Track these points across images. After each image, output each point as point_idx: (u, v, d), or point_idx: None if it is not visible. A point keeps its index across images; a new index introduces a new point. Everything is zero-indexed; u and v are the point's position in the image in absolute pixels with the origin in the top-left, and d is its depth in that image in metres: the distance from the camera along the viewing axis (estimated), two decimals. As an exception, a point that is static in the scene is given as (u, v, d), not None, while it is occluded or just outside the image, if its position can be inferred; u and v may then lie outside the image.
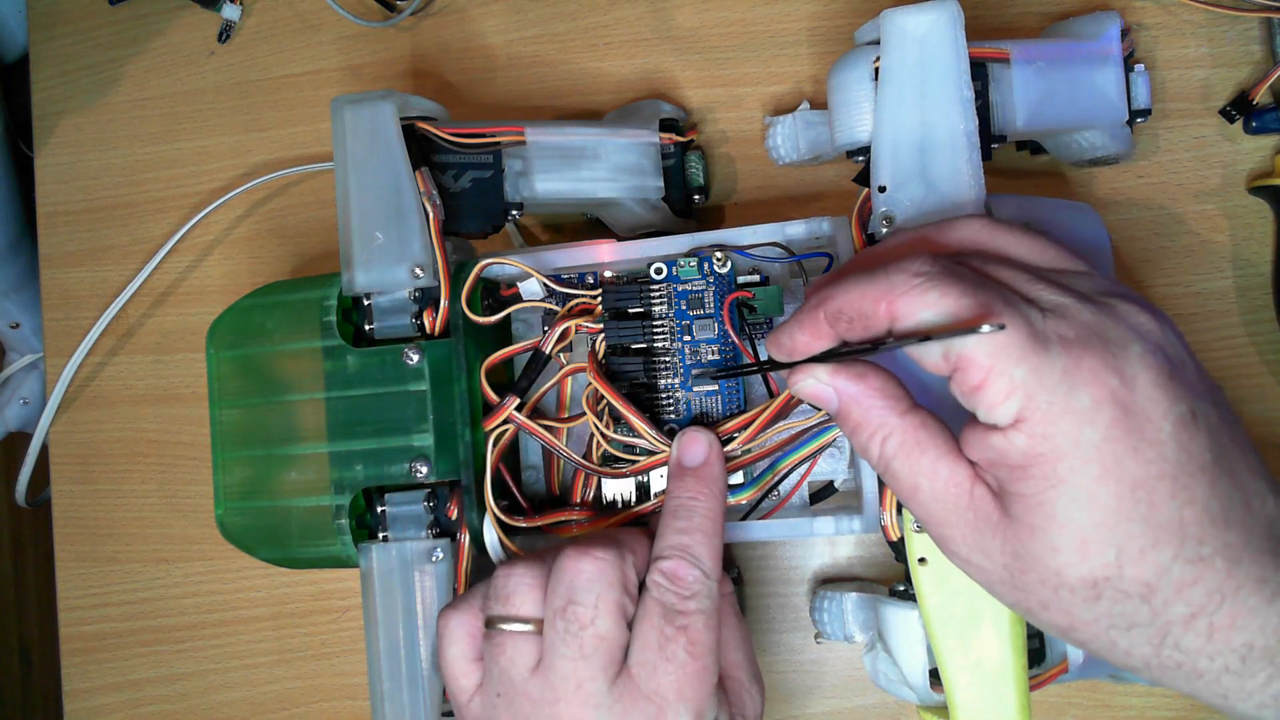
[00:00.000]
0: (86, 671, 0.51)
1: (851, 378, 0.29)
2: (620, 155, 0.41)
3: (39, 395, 0.60)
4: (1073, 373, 0.25)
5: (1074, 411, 0.25)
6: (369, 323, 0.38)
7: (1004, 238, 0.30)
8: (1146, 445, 0.25)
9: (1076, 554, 0.25)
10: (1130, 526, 0.25)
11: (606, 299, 0.38)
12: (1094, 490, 0.25)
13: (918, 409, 0.29)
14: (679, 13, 0.47)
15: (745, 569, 0.45)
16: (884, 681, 0.38)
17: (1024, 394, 0.25)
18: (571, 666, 0.30)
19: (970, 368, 0.26)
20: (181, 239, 0.51)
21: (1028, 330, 0.26)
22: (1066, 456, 0.25)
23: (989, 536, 0.27)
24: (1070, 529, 0.25)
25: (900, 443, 0.28)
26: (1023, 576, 0.27)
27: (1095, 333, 0.26)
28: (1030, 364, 0.25)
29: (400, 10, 0.49)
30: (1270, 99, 0.42)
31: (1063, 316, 0.26)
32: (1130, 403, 0.25)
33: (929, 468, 0.28)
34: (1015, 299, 0.27)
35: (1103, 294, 0.28)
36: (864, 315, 0.28)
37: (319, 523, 0.38)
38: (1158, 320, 0.27)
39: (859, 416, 0.29)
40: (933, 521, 0.28)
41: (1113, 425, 0.25)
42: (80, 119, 0.53)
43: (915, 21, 0.34)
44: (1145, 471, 0.25)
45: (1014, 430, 0.26)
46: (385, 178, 0.37)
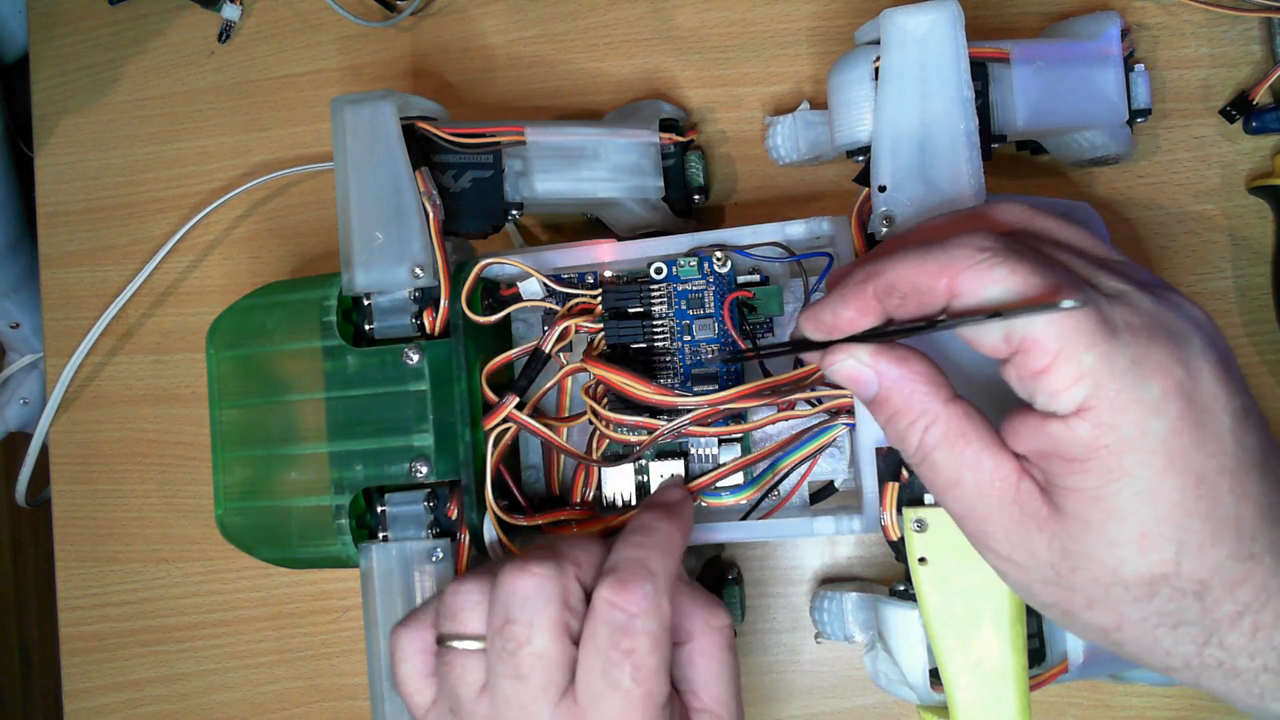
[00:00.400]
0: (86, 671, 0.51)
1: (895, 360, 0.28)
2: (620, 155, 0.41)
3: (39, 395, 0.60)
4: (1142, 362, 0.24)
5: (1143, 401, 0.24)
6: (369, 323, 0.38)
7: (1049, 222, 0.29)
8: (1210, 439, 0.24)
9: (1136, 549, 0.25)
10: (1192, 522, 0.24)
11: (606, 299, 0.38)
12: (1159, 484, 0.24)
13: (960, 398, 0.28)
14: (679, 13, 0.47)
15: (745, 569, 0.45)
16: (884, 681, 0.38)
17: (1092, 381, 0.24)
18: (512, 688, 0.29)
19: (1035, 350, 0.25)
20: (181, 239, 0.51)
21: (1097, 314, 0.25)
22: (1132, 449, 0.24)
23: (1034, 533, 0.26)
24: (1132, 523, 0.24)
25: (944, 432, 0.27)
26: (1071, 575, 0.26)
27: (1160, 322, 0.25)
28: (1100, 350, 0.24)
29: (400, 10, 0.49)
30: (1270, 99, 0.42)
31: (1127, 304, 0.25)
32: (1195, 395, 0.24)
33: (973, 459, 0.27)
34: (1081, 282, 0.26)
35: (1154, 285, 0.27)
36: (920, 291, 0.26)
37: (319, 523, 0.38)
38: (1205, 313, 0.27)
39: (900, 402, 0.28)
40: (973, 517, 0.27)
41: (1180, 417, 0.24)
42: (80, 119, 0.53)
43: (915, 21, 0.34)
44: (1208, 466, 0.24)
45: (1076, 419, 0.25)
46: (385, 178, 0.37)
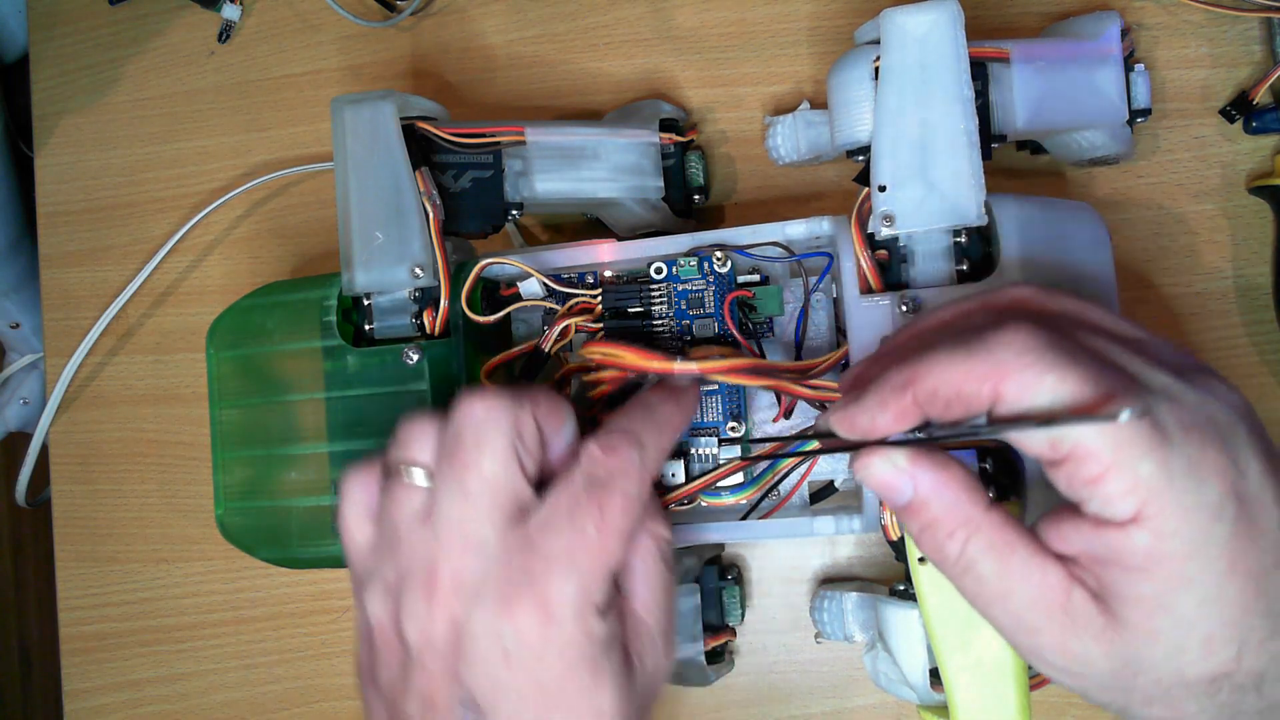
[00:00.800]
0: (86, 671, 0.51)
1: (933, 466, 0.26)
2: (620, 155, 0.41)
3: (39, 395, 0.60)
4: (1198, 465, 0.24)
5: (1203, 507, 0.24)
6: (369, 323, 0.38)
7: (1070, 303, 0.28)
8: (1261, 534, 0.24)
9: (1201, 653, 0.24)
10: (1253, 620, 0.24)
11: (606, 298, 0.38)
12: (1223, 587, 0.24)
13: (996, 504, 0.27)
14: (679, 13, 0.47)
15: (745, 569, 0.45)
16: (884, 681, 0.38)
17: (1149, 489, 0.23)
18: (457, 508, 0.28)
19: (1088, 459, 0.24)
20: (181, 239, 0.51)
21: (1150, 419, 0.24)
22: (1196, 555, 0.24)
23: (1090, 643, 0.25)
24: (1198, 629, 0.24)
25: (989, 543, 0.26)
26: (1132, 680, 0.25)
27: (1209, 418, 0.25)
28: (1157, 457, 0.23)
29: (400, 10, 0.49)
30: (1270, 99, 0.42)
31: (1174, 400, 0.24)
32: (1247, 493, 0.24)
33: (1021, 569, 0.26)
34: (1131, 382, 0.25)
35: (1187, 367, 0.26)
36: (965, 398, 0.25)
37: (319, 523, 0.38)
38: (1238, 392, 0.26)
39: (938, 511, 0.26)
40: (1023, 629, 0.26)
41: (1237, 519, 0.24)
42: (80, 119, 0.53)
43: (915, 21, 0.34)
44: (1265, 562, 0.24)
45: (1135, 527, 0.24)
46: (385, 178, 0.37)
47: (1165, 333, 0.42)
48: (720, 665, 0.41)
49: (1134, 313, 0.42)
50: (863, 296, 0.35)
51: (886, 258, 0.36)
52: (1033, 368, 0.24)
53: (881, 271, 0.36)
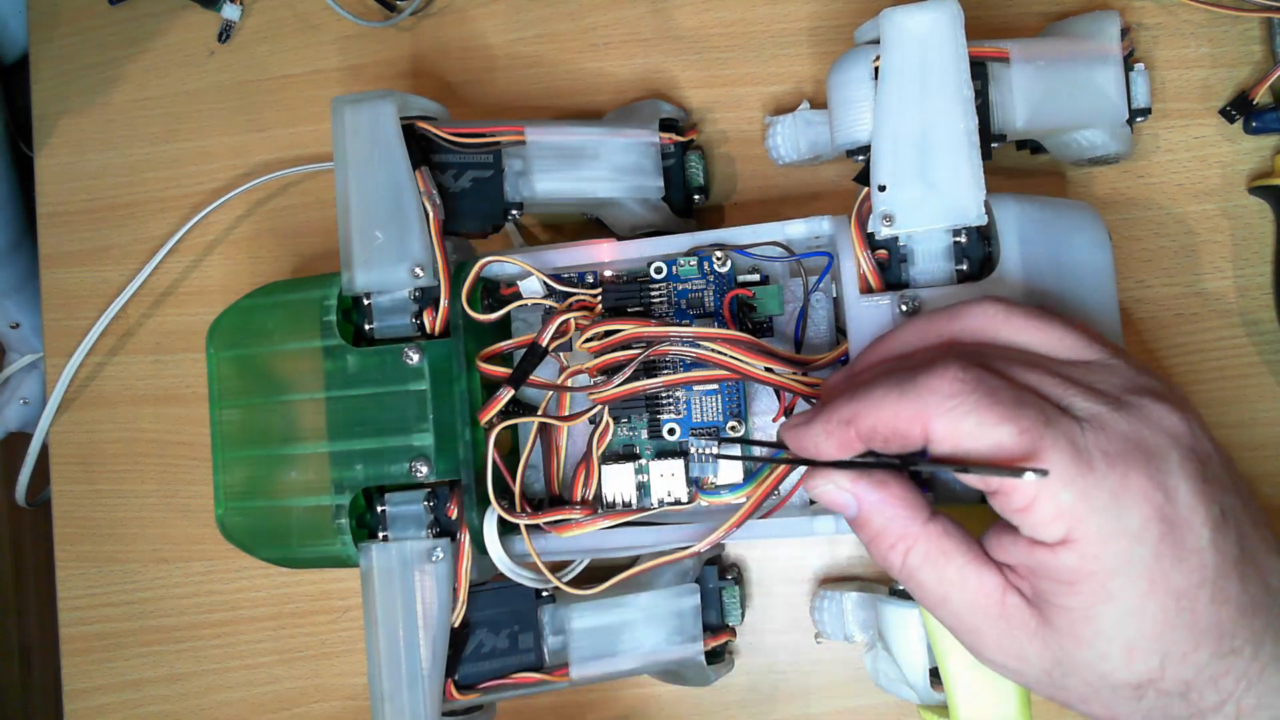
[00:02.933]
0: (86, 671, 0.51)
1: (873, 485, 0.29)
2: (620, 155, 0.41)
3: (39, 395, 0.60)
4: (1120, 494, 0.25)
5: (1126, 533, 0.25)
6: (369, 322, 0.38)
7: (1021, 326, 0.30)
8: (1188, 554, 0.25)
9: (1123, 661, 0.26)
10: (1175, 634, 0.26)
11: (606, 298, 0.38)
12: (1143, 605, 0.26)
13: (938, 515, 0.29)
14: (679, 13, 0.47)
15: (745, 569, 0.45)
16: (884, 681, 0.38)
17: (1073, 517, 0.25)
18: None
19: (1014, 493, 0.26)
20: (181, 239, 0.51)
21: (1071, 451, 0.25)
22: (1117, 575, 0.25)
23: (1025, 643, 0.27)
24: (1119, 640, 0.26)
25: (926, 553, 0.28)
26: (1064, 679, 0.27)
27: (1136, 445, 0.26)
28: (1078, 487, 0.25)
29: (400, 10, 0.49)
30: (1270, 99, 0.42)
31: (1101, 428, 0.26)
32: (1173, 516, 0.26)
33: (957, 577, 0.28)
34: (1053, 413, 0.26)
35: (1130, 390, 0.27)
36: (899, 435, 0.28)
37: (319, 522, 0.38)
38: (1184, 416, 0.27)
39: (880, 525, 0.29)
40: (963, 629, 0.28)
41: (1160, 541, 0.25)
42: (80, 119, 0.53)
43: (915, 21, 0.34)
44: (1188, 581, 0.25)
45: (1062, 549, 0.26)
46: (385, 177, 0.37)
47: (1164, 333, 0.42)
48: (720, 665, 0.41)
49: (1134, 312, 0.42)
50: (862, 296, 0.35)
51: (886, 257, 0.36)
52: (954, 412, 0.26)
53: (881, 271, 0.36)
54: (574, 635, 0.38)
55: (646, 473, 0.39)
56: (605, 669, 0.39)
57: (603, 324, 0.37)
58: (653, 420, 0.39)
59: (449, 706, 0.38)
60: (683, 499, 0.38)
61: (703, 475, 0.39)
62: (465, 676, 0.38)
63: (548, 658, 0.39)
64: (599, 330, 0.37)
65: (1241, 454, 0.42)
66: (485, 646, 0.38)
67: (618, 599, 0.39)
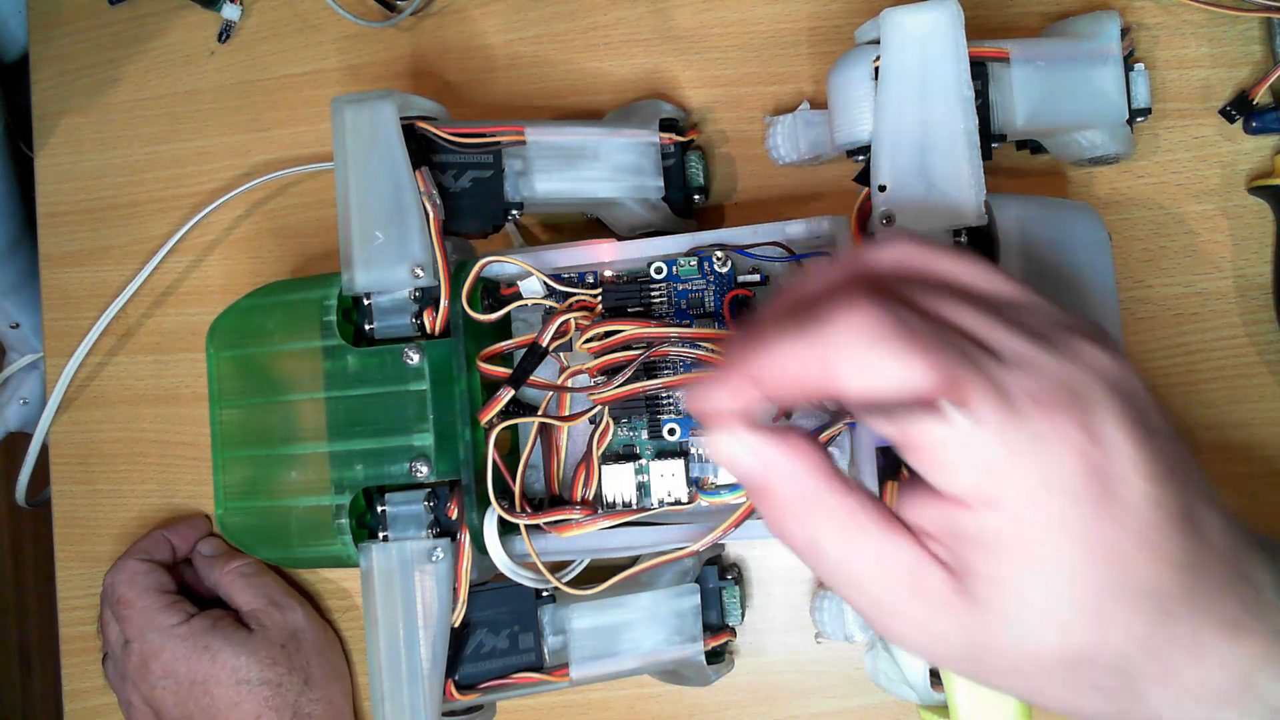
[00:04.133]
0: (86, 671, 0.51)
1: (782, 449, 0.25)
2: (620, 155, 0.41)
3: (39, 395, 0.60)
4: (1046, 440, 0.23)
5: (1051, 486, 0.23)
6: (369, 322, 0.38)
7: (944, 262, 0.27)
8: (1124, 511, 0.23)
9: (1054, 635, 0.23)
10: (1112, 601, 0.23)
11: (607, 298, 0.38)
12: (1076, 569, 0.23)
13: (851, 484, 0.25)
14: (679, 13, 0.47)
15: (745, 569, 0.45)
16: (884, 681, 0.38)
17: (994, 468, 0.23)
18: None
19: (932, 444, 0.23)
20: (181, 239, 0.51)
21: (995, 394, 0.23)
22: (1045, 536, 0.23)
23: (944, 620, 0.24)
24: (1050, 612, 0.23)
25: (838, 527, 0.25)
26: (988, 658, 0.24)
27: (1064, 388, 0.23)
28: (1001, 436, 0.22)
29: (400, 10, 0.49)
30: (1270, 99, 0.42)
31: (1028, 370, 0.23)
32: (1106, 467, 0.23)
33: (873, 553, 0.24)
34: (977, 353, 0.23)
35: (1060, 328, 0.25)
36: (800, 381, 0.24)
37: (319, 522, 0.38)
38: (1115, 357, 0.24)
39: (787, 494, 0.25)
40: (877, 608, 0.25)
41: (1089, 494, 0.23)
42: (80, 119, 0.53)
43: (915, 21, 0.34)
44: (1123, 538, 0.23)
45: (984, 509, 0.23)
46: (385, 177, 0.37)
47: (1164, 333, 0.42)
48: (720, 665, 0.41)
49: (1134, 312, 0.43)
50: (863, 296, 0.35)
51: (886, 257, 0.36)
52: (862, 349, 0.23)
53: (881, 271, 0.36)
54: (574, 635, 0.38)
55: (646, 473, 0.39)
56: (605, 669, 0.39)
57: (603, 324, 0.37)
58: (653, 420, 0.39)
59: (449, 706, 0.38)
60: (683, 499, 0.38)
61: (703, 475, 0.39)
62: (465, 676, 0.38)
63: (548, 658, 0.39)
64: (599, 331, 0.37)
65: (1241, 454, 0.42)
66: (485, 646, 0.38)
67: (618, 599, 0.39)
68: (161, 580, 0.45)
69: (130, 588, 0.44)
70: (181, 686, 0.43)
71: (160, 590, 0.45)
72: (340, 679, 0.46)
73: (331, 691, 0.45)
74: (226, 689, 0.42)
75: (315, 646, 0.45)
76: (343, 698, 0.46)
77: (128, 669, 0.44)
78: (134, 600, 0.44)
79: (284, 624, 0.45)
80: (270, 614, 0.45)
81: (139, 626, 0.44)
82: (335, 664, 0.47)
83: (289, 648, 0.44)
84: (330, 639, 0.47)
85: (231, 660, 0.43)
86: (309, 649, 0.45)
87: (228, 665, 0.43)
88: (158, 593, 0.45)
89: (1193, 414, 0.42)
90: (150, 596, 0.44)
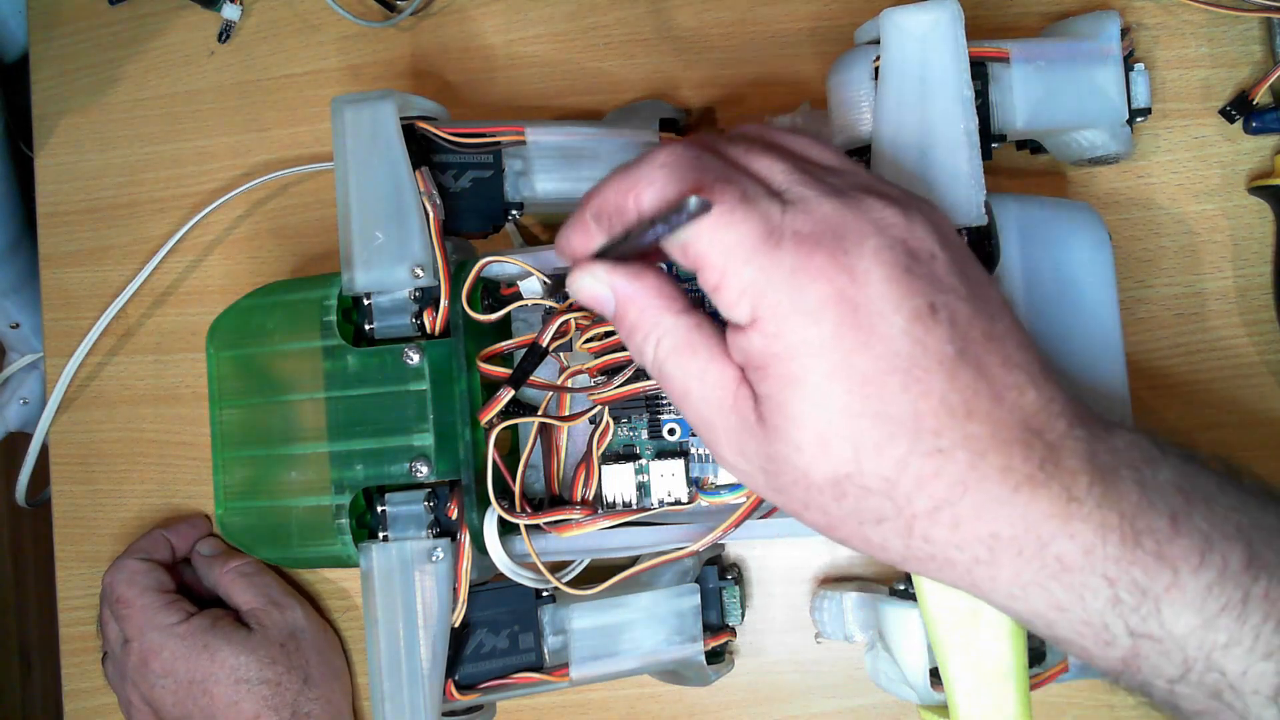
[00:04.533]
0: (86, 671, 0.51)
1: (627, 276, 0.28)
2: (620, 155, 0.41)
3: (39, 395, 0.60)
4: (800, 271, 0.25)
5: (801, 311, 0.25)
6: (369, 322, 0.38)
7: (778, 134, 0.30)
8: (876, 341, 0.25)
9: (817, 452, 0.26)
10: (862, 422, 0.25)
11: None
12: (826, 388, 0.25)
13: (693, 310, 0.28)
14: (679, 13, 0.47)
15: (745, 569, 0.45)
16: (884, 681, 0.38)
17: (755, 293, 0.25)
18: None
19: (707, 267, 0.26)
20: (181, 239, 0.51)
21: (761, 227, 0.25)
22: (798, 355, 0.25)
23: (747, 439, 0.27)
24: (809, 428, 0.25)
25: (673, 345, 0.28)
26: (778, 478, 0.27)
27: (831, 228, 0.26)
28: (759, 263, 0.25)
29: (400, 10, 0.49)
30: (1270, 99, 0.42)
31: (803, 210, 0.26)
32: (859, 299, 0.25)
33: (699, 370, 0.28)
34: (758, 191, 0.26)
35: (857, 188, 0.27)
36: (619, 210, 0.28)
37: (319, 522, 0.38)
38: (905, 214, 0.26)
39: (634, 317, 0.28)
40: (702, 425, 0.28)
41: (840, 323, 0.25)
42: (80, 119, 0.53)
43: (915, 21, 0.34)
44: (875, 367, 0.25)
45: (751, 330, 0.26)
46: (385, 177, 0.37)
47: (1164, 333, 0.42)
48: (720, 665, 0.41)
49: (1134, 312, 0.43)
50: (863, 296, 0.35)
51: (886, 257, 0.36)
52: (657, 180, 0.27)
53: (881, 271, 0.36)
54: (574, 635, 0.39)
55: (646, 473, 0.39)
56: (605, 669, 0.39)
57: (603, 324, 0.37)
58: (653, 420, 0.39)
59: (449, 706, 0.38)
60: (683, 499, 0.38)
61: (703, 475, 0.39)
62: (465, 676, 0.38)
63: (548, 658, 0.39)
64: (599, 330, 0.37)
65: (1241, 454, 0.42)
66: (485, 646, 0.38)
67: (618, 599, 0.39)
68: (161, 579, 0.45)
69: (130, 587, 0.44)
70: (181, 685, 0.43)
71: (160, 589, 0.45)
72: (339, 678, 0.46)
73: (330, 691, 0.45)
74: (226, 688, 0.42)
75: (314, 646, 0.45)
76: (342, 697, 0.46)
77: (127, 668, 0.44)
78: (133, 599, 0.44)
79: (283, 623, 0.45)
80: (269, 613, 0.45)
81: (139, 625, 0.44)
82: (334, 663, 0.47)
83: (288, 647, 0.44)
84: (330, 638, 0.47)
85: (231, 659, 0.43)
86: (308, 648, 0.45)
87: (227, 664, 0.43)
88: (157, 592, 0.45)
89: (1193, 414, 0.42)
90: (150, 595, 0.44)
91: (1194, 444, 0.37)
